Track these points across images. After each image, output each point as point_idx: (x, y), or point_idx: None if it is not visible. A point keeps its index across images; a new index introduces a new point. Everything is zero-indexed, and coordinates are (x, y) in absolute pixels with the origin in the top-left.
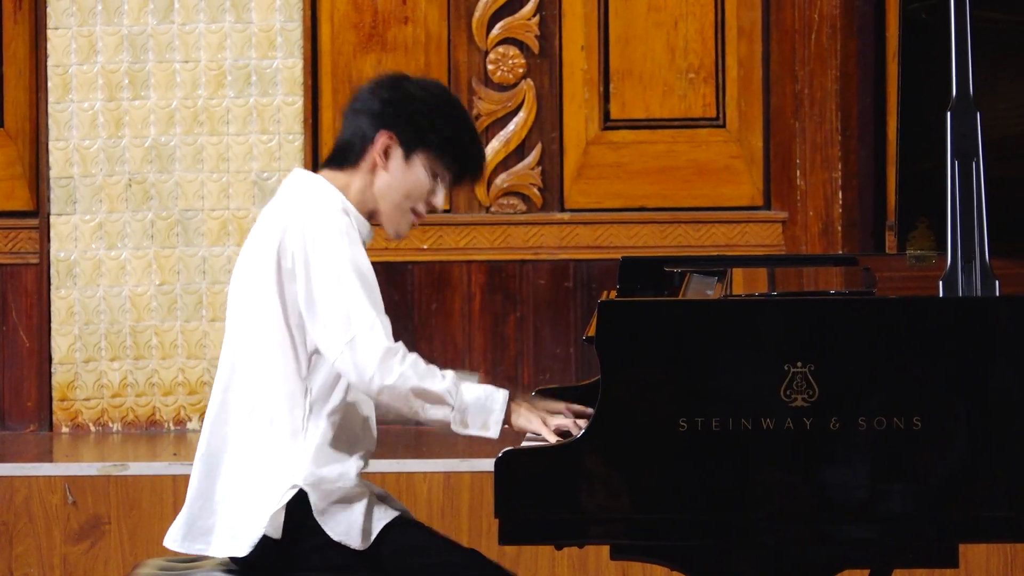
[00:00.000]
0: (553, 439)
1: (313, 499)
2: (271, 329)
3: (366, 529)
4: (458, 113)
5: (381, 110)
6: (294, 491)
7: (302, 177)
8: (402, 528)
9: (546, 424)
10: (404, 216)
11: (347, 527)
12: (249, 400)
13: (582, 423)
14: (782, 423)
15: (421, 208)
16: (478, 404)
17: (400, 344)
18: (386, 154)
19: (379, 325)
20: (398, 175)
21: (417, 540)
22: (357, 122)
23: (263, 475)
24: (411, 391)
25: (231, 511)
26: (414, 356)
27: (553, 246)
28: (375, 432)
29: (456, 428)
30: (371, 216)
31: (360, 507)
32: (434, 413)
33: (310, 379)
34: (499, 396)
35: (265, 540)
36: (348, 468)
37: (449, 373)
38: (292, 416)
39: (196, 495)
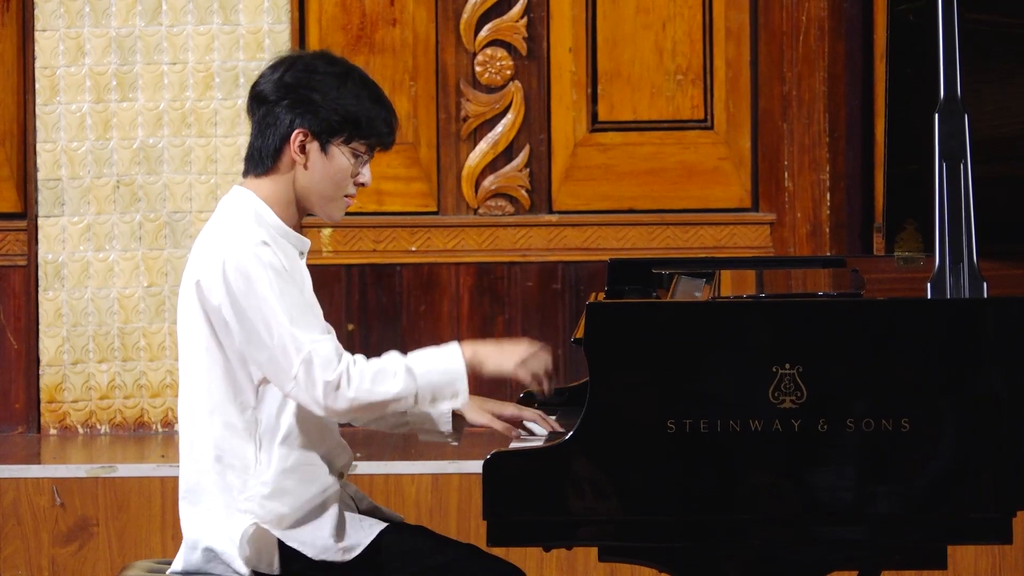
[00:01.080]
0: (502, 428)
1: (275, 531)
2: (207, 368)
3: (342, 541)
4: (354, 87)
5: (286, 106)
6: (253, 528)
7: (235, 198)
8: (394, 533)
9: (495, 417)
10: (337, 203)
11: (322, 545)
12: (205, 435)
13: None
14: (770, 425)
15: (352, 190)
16: (437, 382)
17: (340, 367)
18: (303, 150)
19: (315, 356)
20: (319, 168)
21: (410, 544)
22: (264, 121)
23: (228, 514)
24: (366, 406)
25: (212, 547)
26: (359, 369)
27: (541, 248)
28: (342, 444)
29: (427, 408)
30: (303, 212)
31: (329, 521)
32: (401, 407)
33: (259, 410)
34: (455, 364)
35: None
36: (309, 495)
37: (400, 363)
38: (242, 452)
39: (186, 529)
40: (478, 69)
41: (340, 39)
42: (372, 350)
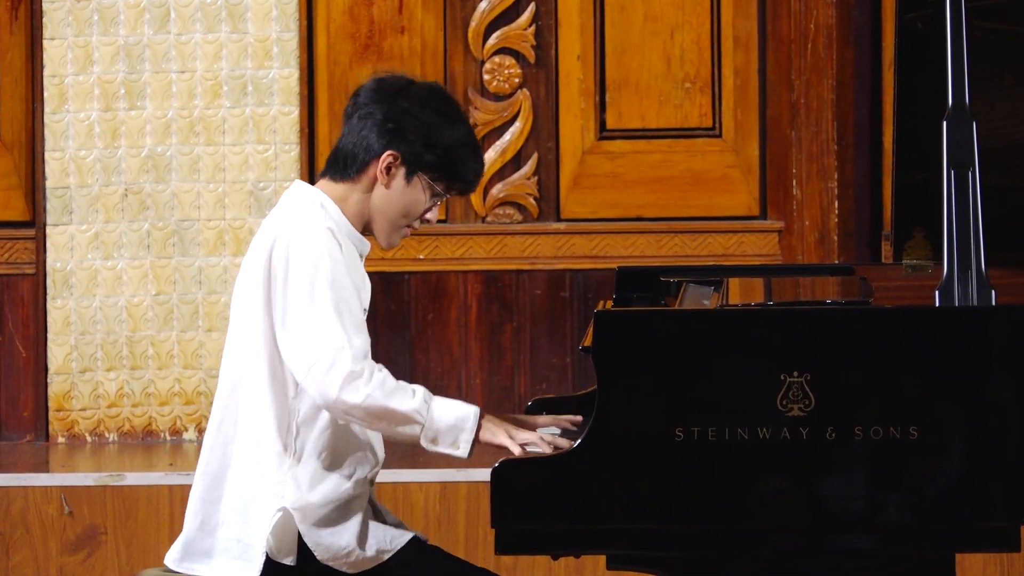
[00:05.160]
0: (518, 451)
1: (298, 522)
2: (262, 346)
3: (359, 555)
4: (460, 131)
5: (387, 126)
6: (280, 514)
7: (299, 189)
8: (407, 550)
9: (512, 437)
10: (398, 231)
11: (335, 552)
12: (243, 420)
13: (547, 438)
14: (778, 433)
15: (416, 224)
16: (449, 422)
17: (367, 364)
18: (388, 171)
19: (347, 347)
20: (397, 193)
21: (415, 557)
22: (360, 133)
23: (257, 498)
24: (376, 411)
25: (229, 534)
26: (382, 375)
27: (549, 256)
28: (381, 450)
29: (425, 445)
30: (366, 228)
31: (351, 530)
32: (403, 431)
33: (298, 400)
34: (471, 414)
35: (279, 565)
36: (339, 491)
37: (420, 389)
38: (280, 438)
39: (195, 514)
40: (486, 77)
41: (348, 47)
42: (381, 358)
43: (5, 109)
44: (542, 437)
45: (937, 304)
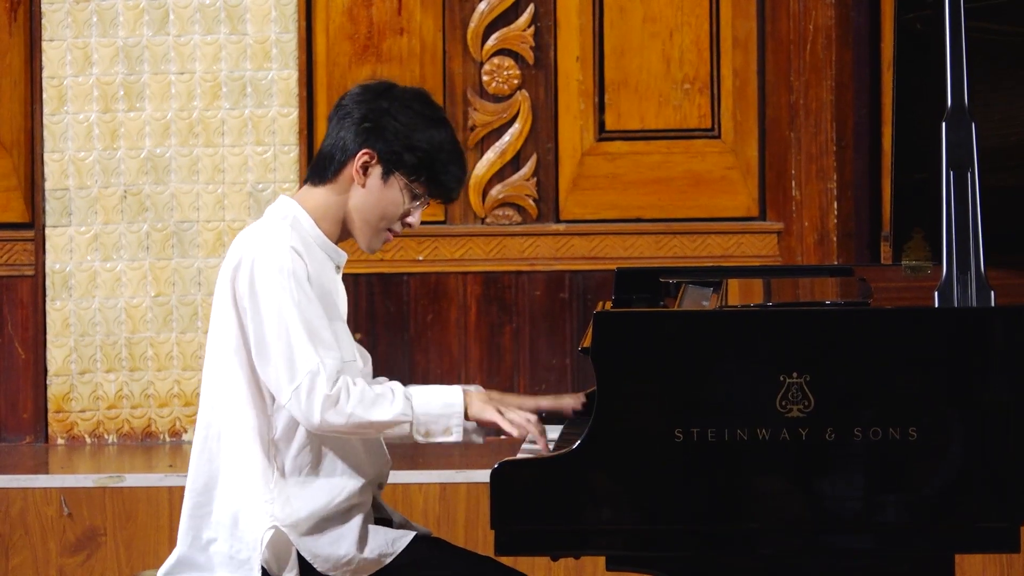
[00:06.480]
0: (508, 427)
1: (291, 536)
2: (238, 362)
3: (360, 561)
4: (441, 134)
5: (364, 125)
6: (273, 531)
7: (278, 204)
8: (410, 551)
9: (501, 412)
10: (378, 234)
11: (335, 561)
12: (226, 437)
13: (533, 418)
14: (778, 434)
15: (396, 228)
16: (435, 412)
17: (342, 384)
18: (364, 171)
19: (322, 371)
20: (375, 193)
21: (418, 556)
22: (339, 134)
23: (246, 514)
24: (362, 425)
25: (222, 550)
26: (359, 389)
27: (548, 257)
28: (379, 454)
29: (420, 440)
30: (346, 232)
31: (349, 538)
32: (393, 433)
33: (275, 416)
34: (455, 399)
35: None
36: (330, 504)
37: (399, 390)
38: (264, 453)
39: (186, 530)
40: (485, 78)
41: (347, 48)
42: (380, 359)
43: (4, 111)
44: (531, 420)
45: (936, 305)
